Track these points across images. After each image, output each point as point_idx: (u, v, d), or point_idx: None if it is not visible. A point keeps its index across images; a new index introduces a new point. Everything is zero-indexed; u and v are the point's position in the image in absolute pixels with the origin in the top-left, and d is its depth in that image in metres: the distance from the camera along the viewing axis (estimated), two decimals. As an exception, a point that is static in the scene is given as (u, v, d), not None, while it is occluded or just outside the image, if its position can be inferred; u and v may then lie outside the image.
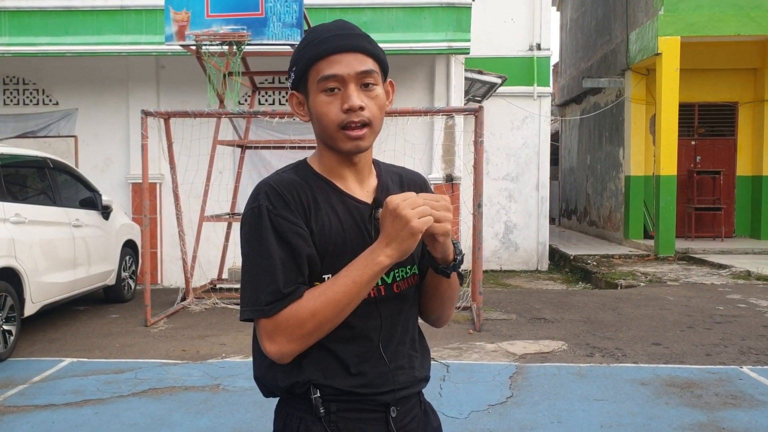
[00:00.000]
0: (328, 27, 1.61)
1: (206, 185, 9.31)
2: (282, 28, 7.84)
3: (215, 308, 8.86)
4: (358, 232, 1.61)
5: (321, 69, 1.56)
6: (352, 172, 1.66)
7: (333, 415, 1.59)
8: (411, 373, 1.68)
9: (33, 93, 11.45)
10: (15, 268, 6.62)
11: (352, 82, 1.55)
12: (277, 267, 1.52)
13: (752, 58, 15.14)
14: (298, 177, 1.63)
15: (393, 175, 1.77)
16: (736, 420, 4.78)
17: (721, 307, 8.73)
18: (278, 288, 1.51)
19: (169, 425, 4.74)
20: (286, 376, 1.60)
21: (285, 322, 1.50)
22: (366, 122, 1.56)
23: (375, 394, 1.62)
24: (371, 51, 1.59)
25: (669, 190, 13.41)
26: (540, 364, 6.24)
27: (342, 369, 1.60)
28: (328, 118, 1.56)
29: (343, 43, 1.56)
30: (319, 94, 1.57)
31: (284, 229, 1.53)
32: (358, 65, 1.56)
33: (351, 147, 1.58)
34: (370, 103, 1.57)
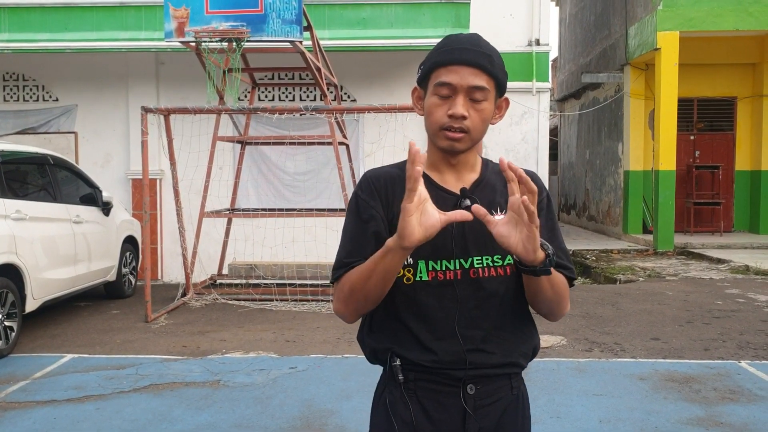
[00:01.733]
0: (461, 39, 1.74)
1: (206, 181, 9.32)
2: (281, 25, 7.84)
3: (215, 304, 8.89)
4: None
5: (440, 74, 1.71)
6: (450, 168, 1.81)
7: (411, 383, 1.77)
8: (490, 357, 1.76)
9: (33, 89, 11.46)
10: (16, 265, 6.64)
11: (462, 92, 1.69)
12: (347, 241, 1.77)
13: (751, 53, 15.15)
14: (397, 170, 1.82)
15: (497, 174, 1.84)
16: (734, 414, 4.81)
17: (719, 301, 8.76)
18: (341, 258, 1.76)
19: (170, 421, 4.76)
20: (371, 341, 1.83)
21: (339, 286, 1.74)
22: (465, 130, 1.71)
23: (447, 369, 1.74)
24: (489, 70, 1.71)
25: (668, 185, 13.43)
26: (539, 359, 6.25)
27: (416, 343, 1.75)
28: (433, 118, 1.73)
29: (465, 56, 1.70)
30: (433, 96, 1.73)
31: (364, 210, 1.77)
32: (472, 80, 1.69)
33: (446, 146, 1.74)
34: (474, 114, 1.71)
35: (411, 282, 1.74)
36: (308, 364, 6.10)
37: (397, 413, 1.77)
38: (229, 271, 9.93)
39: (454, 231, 1.73)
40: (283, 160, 11.14)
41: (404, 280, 1.74)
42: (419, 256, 1.71)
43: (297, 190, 11.25)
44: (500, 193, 1.81)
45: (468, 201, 1.75)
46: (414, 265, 1.73)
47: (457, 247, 1.74)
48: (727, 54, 15.09)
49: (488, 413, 1.78)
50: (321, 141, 9.87)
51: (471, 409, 1.75)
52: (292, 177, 11.27)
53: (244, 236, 10.01)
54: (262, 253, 10.05)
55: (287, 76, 11.21)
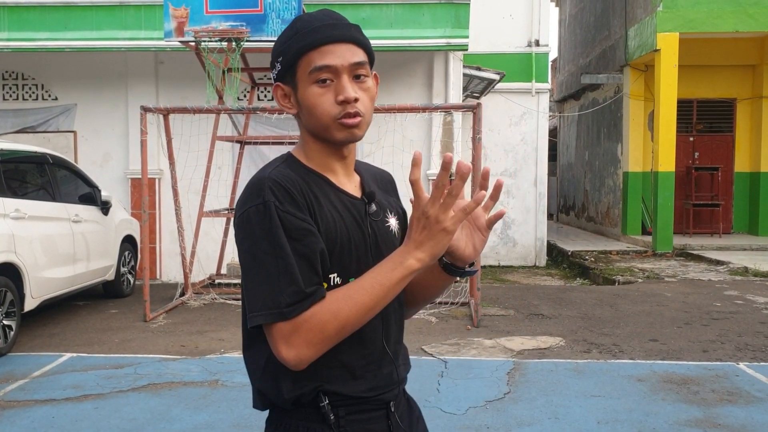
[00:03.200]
0: (317, 16, 1.54)
1: (205, 181, 9.32)
2: (281, 25, 7.84)
3: (214, 303, 8.89)
4: (358, 228, 1.55)
5: (312, 60, 1.50)
6: (342, 167, 1.60)
7: (342, 419, 1.54)
8: (404, 368, 1.68)
9: (32, 88, 11.45)
10: (15, 264, 6.63)
11: (346, 73, 1.50)
12: (293, 266, 1.41)
13: (750, 55, 15.16)
14: (294, 172, 1.52)
15: (368, 171, 1.72)
16: (732, 416, 4.81)
17: (718, 303, 8.76)
18: (300, 288, 1.41)
19: (169, 420, 4.76)
20: (293, 387, 1.52)
21: (305, 324, 1.41)
22: (360, 113, 1.51)
23: (381, 394, 1.59)
24: (362, 42, 1.54)
25: (667, 186, 13.43)
26: (537, 360, 6.27)
27: (348, 374, 1.54)
28: (321, 110, 1.50)
29: (335, 33, 1.50)
30: (311, 86, 1.51)
31: (295, 227, 1.43)
32: (351, 56, 1.51)
33: (346, 136, 1.52)
34: (363, 95, 1.52)
35: None
36: (307, 364, 6.09)
37: None
38: (228, 271, 9.93)
39: (370, 241, 1.57)
40: (282, 160, 11.12)
41: None
42: (348, 273, 1.51)
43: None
44: (379, 192, 1.67)
45: (374, 206, 1.60)
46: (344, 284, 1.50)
47: (375, 257, 1.54)
48: (726, 55, 15.10)
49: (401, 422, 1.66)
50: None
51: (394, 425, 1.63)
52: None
53: (242, 236, 9.99)
54: (260, 252, 10.02)
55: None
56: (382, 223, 1.61)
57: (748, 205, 15.74)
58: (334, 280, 1.50)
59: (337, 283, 1.50)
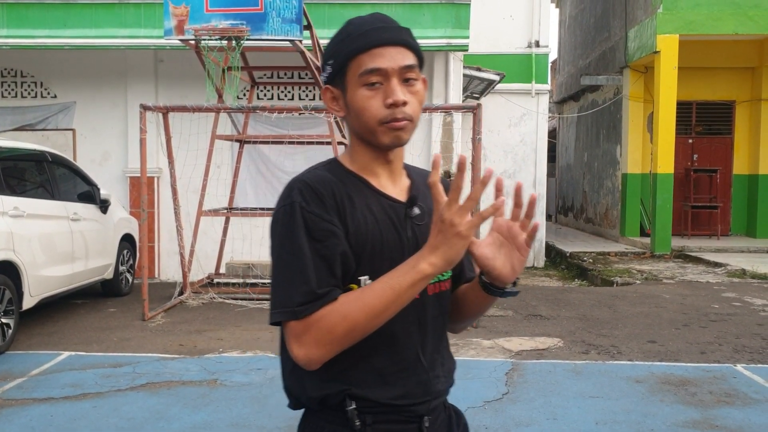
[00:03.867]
0: (368, 20, 1.54)
1: (204, 180, 9.32)
2: (281, 24, 7.84)
3: (213, 303, 8.88)
4: (394, 231, 1.54)
5: (363, 62, 1.49)
6: (386, 170, 1.60)
7: (368, 427, 1.51)
8: (445, 382, 1.64)
9: (31, 86, 11.44)
10: (13, 262, 6.63)
11: (395, 76, 1.49)
12: (309, 266, 1.43)
13: (750, 57, 15.18)
14: (330, 174, 1.54)
15: (421, 177, 1.70)
16: (729, 418, 4.82)
17: (716, 305, 8.77)
18: (312, 288, 1.42)
19: (167, 419, 4.76)
20: (319, 387, 1.52)
21: (315, 324, 1.42)
22: (408, 117, 1.51)
23: (412, 405, 1.55)
24: (413, 45, 1.53)
25: (666, 188, 13.44)
26: (536, 360, 6.27)
27: (379, 379, 1.52)
28: (369, 113, 1.50)
29: (386, 36, 1.50)
30: (360, 88, 1.50)
31: (317, 227, 1.45)
32: (402, 59, 1.50)
33: (392, 139, 1.52)
34: (412, 98, 1.52)
35: None
36: (305, 364, 6.09)
37: None
38: (227, 270, 9.92)
39: (409, 244, 1.54)
40: (282, 160, 11.13)
41: None
42: (379, 274, 1.48)
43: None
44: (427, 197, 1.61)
45: (417, 210, 1.58)
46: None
47: None
48: (726, 58, 15.11)
49: None
50: (320, 141, 9.86)
51: None
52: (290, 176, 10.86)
53: (241, 235, 10.01)
54: (259, 252, 10.04)
55: (287, 75, 11.21)
56: (426, 227, 1.54)
57: (747, 207, 15.75)
58: (365, 282, 1.50)
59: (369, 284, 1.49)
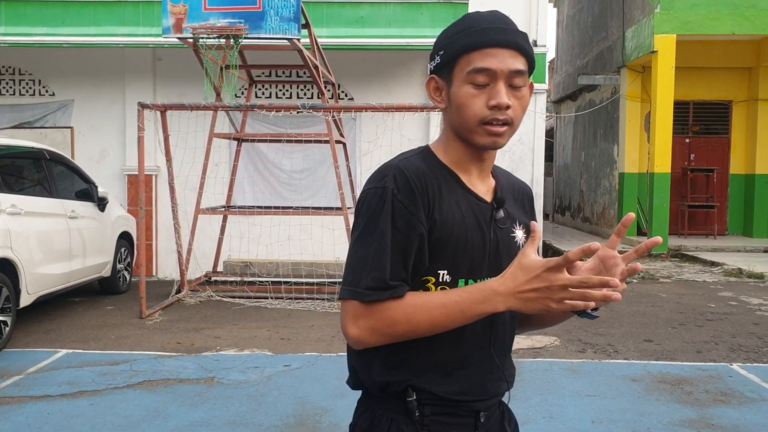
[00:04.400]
0: (486, 17, 1.51)
1: (202, 178, 9.32)
2: (279, 22, 7.84)
3: (210, 301, 8.89)
4: (478, 230, 1.54)
5: (473, 60, 1.48)
6: (477, 168, 1.60)
7: (426, 418, 1.53)
8: (504, 384, 1.65)
9: (29, 83, 11.43)
10: (11, 259, 6.63)
11: (503, 79, 1.48)
12: (387, 253, 1.44)
13: (747, 57, 15.20)
14: (425, 165, 1.54)
15: (506, 180, 1.71)
16: (725, 417, 4.84)
17: (712, 304, 8.79)
18: (383, 276, 1.44)
19: (164, 417, 4.77)
20: (384, 372, 1.54)
21: (377, 312, 1.44)
22: (508, 121, 1.50)
23: (471, 401, 1.57)
24: (526, 51, 1.51)
25: (663, 188, 13.46)
26: (532, 359, 6.29)
27: (441, 373, 1.54)
28: (470, 111, 1.49)
29: (502, 37, 1.48)
30: (466, 85, 1.49)
31: (403, 218, 1.45)
32: (512, 63, 1.48)
33: (488, 142, 1.51)
34: (516, 103, 1.50)
35: None
36: (303, 362, 6.11)
37: None
38: (224, 269, 9.93)
39: (490, 246, 1.56)
40: (280, 158, 11.14)
41: None
42: (459, 273, 1.51)
43: (293, 188, 11.25)
44: (512, 202, 1.67)
45: (502, 212, 1.59)
46: (452, 284, 1.52)
47: (492, 264, 1.55)
48: (723, 57, 15.13)
49: None
50: (318, 139, 9.87)
51: None
52: (288, 175, 11.28)
53: (239, 233, 10.02)
54: (257, 250, 10.05)
55: (285, 73, 11.21)
56: (507, 231, 1.59)
57: (743, 206, 15.79)
58: (444, 276, 1.51)
59: (446, 280, 1.51)
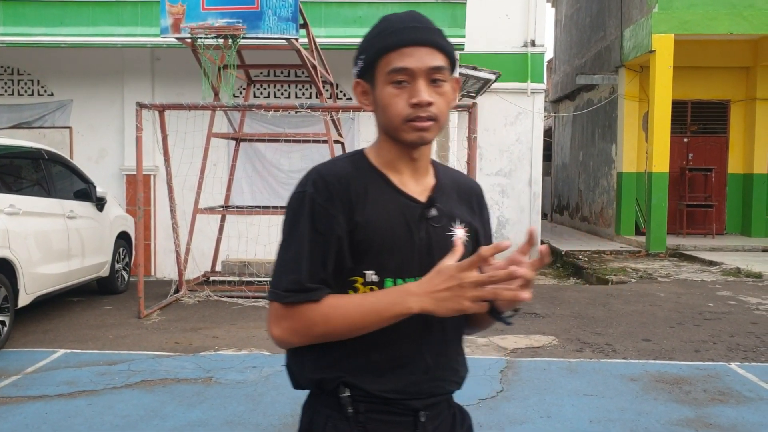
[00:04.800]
0: (402, 18, 1.56)
1: (200, 177, 9.32)
2: (277, 22, 7.84)
3: (208, 301, 8.89)
4: (406, 230, 1.55)
5: (391, 61, 1.52)
6: (410, 168, 1.61)
7: (361, 415, 1.54)
8: (445, 384, 1.65)
9: (28, 83, 11.43)
10: (9, 259, 6.63)
11: (422, 76, 1.52)
12: (304, 256, 1.49)
13: (744, 57, 15.22)
14: (352, 167, 1.58)
15: (451, 179, 1.72)
16: (723, 416, 4.84)
17: (710, 303, 8.80)
18: (299, 278, 1.48)
19: (162, 417, 4.77)
20: (316, 370, 1.57)
21: (297, 315, 1.49)
22: (432, 117, 1.53)
23: (406, 400, 1.57)
24: (443, 46, 1.55)
25: (661, 187, 13.47)
26: (530, 358, 6.29)
27: (374, 372, 1.55)
28: (394, 110, 1.53)
29: (416, 36, 1.52)
30: (387, 86, 1.53)
31: (322, 220, 1.50)
32: (430, 60, 1.52)
33: (415, 138, 1.54)
34: (438, 99, 1.53)
35: None
36: (300, 362, 6.10)
37: None
38: (223, 268, 9.92)
39: (422, 244, 1.56)
40: (278, 158, 11.14)
41: None
42: (386, 273, 1.52)
43: (291, 188, 11.14)
44: (456, 201, 1.67)
45: (434, 211, 1.59)
46: (380, 284, 1.53)
47: (424, 262, 1.53)
48: (721, 57, 15.15)
49: None
50: (316, 139, 9.87)
51: None
52: (286, 174, 11.27)
53: (237, 233, 10.02)
54: (255, 250, 10.05)
55: (283, 73, 11.21)
56: (442, 230, 1.59)
57: (741, 206, 15.81)
58: (370, 276, 1.53)
59: (374, 279, 1.53)
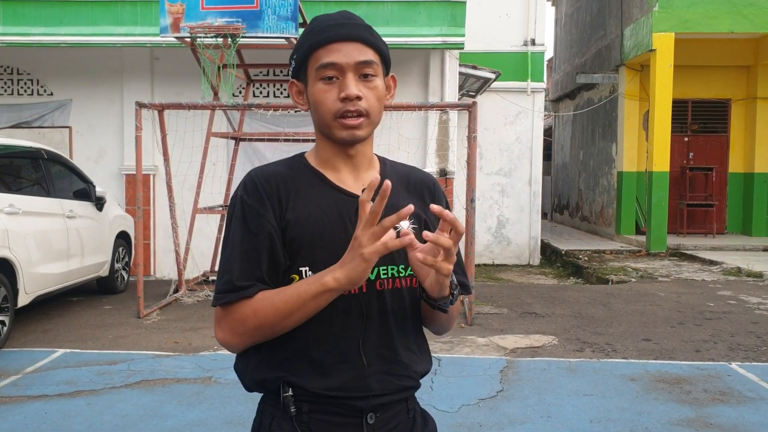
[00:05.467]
0: (331, 16, 1.59)
1: (200, 177, 9.32)
2: (277, 21, 7.83)
3: (208, 300, 8.88)
4: (341, 224, 1.55)
5: (320, 57, 1.54)
6: (348, 165, 1.62)
7: (305, 415, 1.54)
8: (394, 380, 1.59)
9: (27, 83, 11.42)
10: (8, 259, 6.62)
11: (351, 71, 1.53)
12: (235, 258, 1.52)
13: (745, 56, 15.20)
14: (286, 169, 1.61)
15: (399, 173, 1.71)
16: (723, 416, 4.83)
17: (711, 303, 8.79)
18: (231, 278, 1.50)
19: (161, 417, 4.76)
20: (256, 370, 1.57)
21: (231, 313, 1.51)
22: (362, 112, 1.54)
23: (348, 398, 1.54)
24: (372, 42, 1.57)
25: (661, 186, 13.46)
26: (530, 358, 6.28)
27: (314, 369, 1.53)
28: (324, 106, 1.54)
29: (343, 32, 1.54)
30: (317, 82, 1.55)
31: (251, 221, 1.53)
32: (358, 55, 1.54)
33: (346, 135, 1.55)
34: (369, 93, 1.55)
35: None
36: (300, 362, 6.09)
37: None
38: (222, 268, 9.91)
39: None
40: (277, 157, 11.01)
41: None
42: (321, 268, 1.48)
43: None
44: (403, 194, 1.65)
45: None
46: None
47: None
48: (721, 56, 15.14)
49: None
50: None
51: None
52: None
53: (237, 233, 9.99)
54: (255, 249, 10.03)
55: (282, 72, 11.20)
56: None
57: (742, 205, 15.79)
58: (306, 273, 1.53)
59: (307, 274, 1.53)
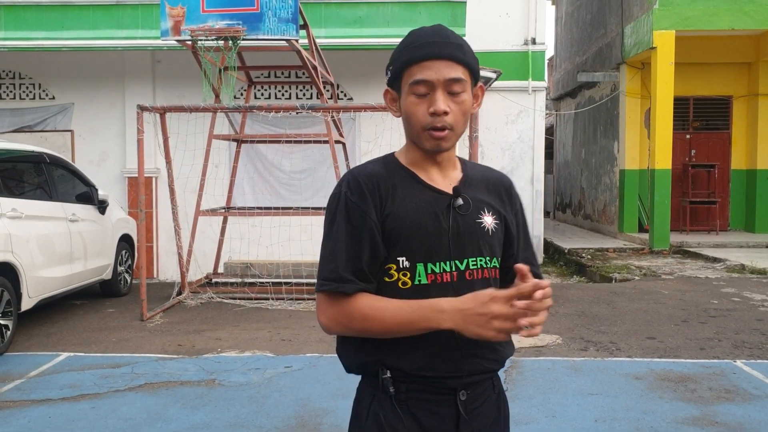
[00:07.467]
0: (427, 32, 1.71)
1: (202, 179, 9.32)
2: (277, 23, 7.83)
3: (211, 303, 8.88)
4: (434, 219, 1.70)
5: (413, 73, 1.68)
6: (436, 167, 1.78)
7: (403, 394, 1.69)
8: (482, 362, 1.74)
9: (29, 87, 11.43)
10: (12, 263, 6.63)
11: (440, 87, 1.67)
12: (341, 248, 1.67)
13: (746, 52, 15.18)
14: (382, 168, 1.75)
15: (479, 173, 1.87)
16: (729, 414, 4.82)
17: (715, 300, 8.77)
18: (337, 267, 1.66)
19: (165, 420, 4.76)
20: (357, 353, 1.73)
21: (338, 306, 1.66)
22: (448, 126, 1.68)
23: (442, 378, 1.69)
24: (462, 60, 1.69)
25: (664, 184, 13.44)
26: (534, 357, 6.27)
27: (412, 351, 1.67)
28: (415, 118, 1.70)
29: (437, 50, 1.67)
30: (410, 96, 1.70)
31: (355, 216, 1.68)
32: (448, 73, 1.66)
33: (432, 146, 1.71)
34: (455, 108, 1.69)
35: (408, 286, 1.68)
36: (304, 363, 6.10)
37: (390, 426, 1.70)
38: (225, 270, 9.92)
39: (450, 230, 1.70)
40: (279, 159, 11.13)
41: (400, 284, 1.68)
42: (416, 258, 1.67)
43: (293, 188, 11.24)
44: (484, 192, 1.82)
45: (461, 200, 1.73)
46: (411, 269, 1.68)
47: (454, 247, 1.70)
48: (722, 53, 15.11)
49: (478, 415, 1.76)
50: (317, 139, 9.87)
51: (465, 413, 1.72)
52: (288, 175, 11.27)
53: (239, 235, 10.01)
54: (257, 251, 10.04)
55: (283, 74, 11.20)
56: (471, 217, 1.74)
57: (745, 202, 15.76)
58: (403, 263, 1.69)
59: (405, 266, 1.68)
